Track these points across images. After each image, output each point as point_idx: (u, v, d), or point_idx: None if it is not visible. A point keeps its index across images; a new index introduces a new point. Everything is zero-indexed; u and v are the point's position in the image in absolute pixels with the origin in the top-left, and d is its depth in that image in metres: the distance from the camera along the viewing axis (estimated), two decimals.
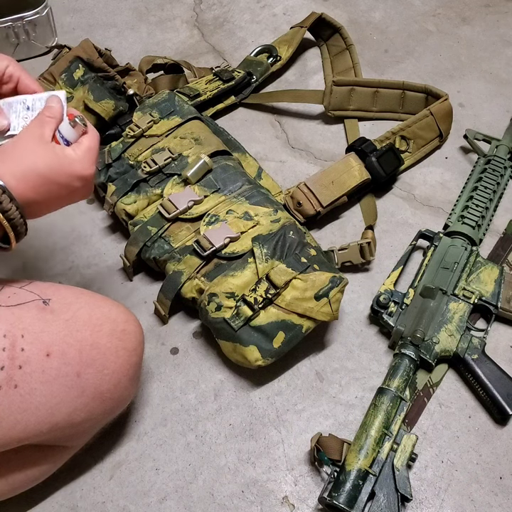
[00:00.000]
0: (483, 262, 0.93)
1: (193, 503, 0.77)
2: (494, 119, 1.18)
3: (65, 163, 0.62)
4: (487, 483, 0.78)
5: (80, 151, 0.64)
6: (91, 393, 0.65)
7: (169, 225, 0.91)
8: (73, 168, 0.63)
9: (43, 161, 0.61)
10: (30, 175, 0.60)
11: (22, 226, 0.61)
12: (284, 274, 0.82)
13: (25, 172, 0.60)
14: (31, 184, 0.60)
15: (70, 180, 0.63)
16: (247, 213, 0.89)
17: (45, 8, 1.23)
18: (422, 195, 1.07)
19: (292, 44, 1.24)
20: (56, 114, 0.65)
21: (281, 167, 1.11)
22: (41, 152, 0.61)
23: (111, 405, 0.69)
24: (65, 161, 0.62)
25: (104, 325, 0.66)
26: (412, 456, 0.76)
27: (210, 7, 1.41)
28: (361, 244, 0.93)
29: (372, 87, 1.14)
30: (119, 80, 1.07)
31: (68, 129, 0.65)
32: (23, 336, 0.61)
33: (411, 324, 0.86)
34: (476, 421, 0.83)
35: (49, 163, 0.61)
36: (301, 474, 0.79)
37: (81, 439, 0.75)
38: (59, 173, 0.62)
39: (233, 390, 0.86)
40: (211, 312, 0.83)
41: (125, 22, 1.37)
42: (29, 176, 0.60)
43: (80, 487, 0.78)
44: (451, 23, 1.37)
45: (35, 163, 0.60)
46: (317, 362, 0.88)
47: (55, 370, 0.62)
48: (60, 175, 0.62)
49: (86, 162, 0.64)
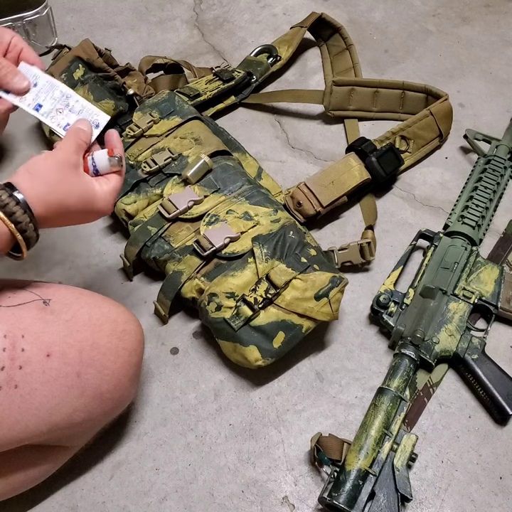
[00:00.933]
0: (483, 262, 0.93)
1: (193, 503, 0.77)
2: (494, 119, 1.18)
3: (90, 199, 0.64)
4: (487, 483, 0.78)
5: (107, 189, 0.66)
6: (91, 393, 0.65)
7: (169, 225, 0.91)
8: (96, 204, 0.65)
9: (71, 192, 0.62)
10: (54, 201, 0.61)
11: (34, 239, 0.61)
12: (284, 274, 0.82)
13: (50, 196, 0.61)
14: (51, 208, 0.61)
15: (90, 214, 0.66)
16: (247, 213, 0.89)
17: (45, 8, 1.23)
18: (422, 195, 1.07)
19: (292, 44, 1.24)
20: (88, 140, 0.66)
21: (281, 167, 1.11)
22: (72, 182, 0.62)
23: (111, 405, 0.69)
24: (90, 197, 0.64)
25: (104, 325, 0.66)
26: (412, 456, 0.76)
27: (210, 7, 1.41)
28: (361, 244, 0.93)
29: (372, 87, 1.14)
30: (119, 79, 1.07)
31: (103, 162, 0.66)
32: (23, 336, 0.61)
33: (411, 324, 0.86)
34: (476, 421, 0.83)
35: (76, 195, 0.63)
36: (301, 474, 0.79)
37: (81, 439, 0.75)
38: (82, 205, 0.63)
39: (233, 390, 0.86)
40: (211, 312, 0.83)
41: (125, 22, 1.37)
42: (52, 201, 0.61)
43: (80, 487, 0.78)
44: (451, 23, 1.37)
45: (62, 192, 0.62)
46: (317, 362, 0.88)
47: (55, 370, 0.62)
48: (82, 207, 0.64)
49: (109, 201, 0.66)
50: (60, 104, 0.69)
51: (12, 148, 1.12)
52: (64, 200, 0.62)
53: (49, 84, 0.69)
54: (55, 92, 0.69)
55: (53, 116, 0.68)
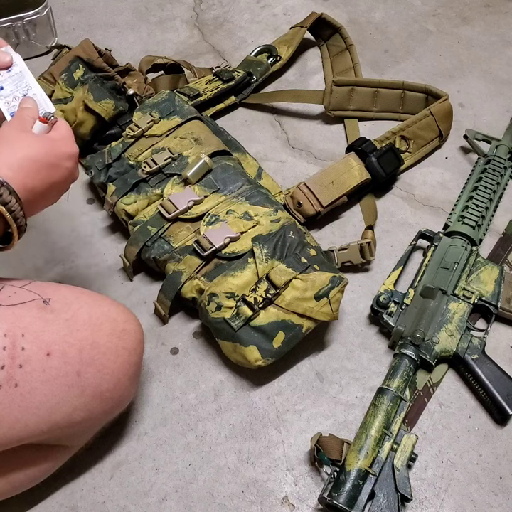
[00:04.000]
0: (483, 262, 0.93)
1: (193, 503, 0.77)
2: (494, 119, 1.18)
3: (52, 145, 0.65)
4: (487, 483, 0.78)
5: (59, 133, 0.68)
6: (91, 392, 0.65)
7: (169, 225, 0.91)
8: (60, 148, 0.66)
9: (33, 147, 0.63)
10: (24, 163, 0.62)
11: (22, 219, 0.62)
12: (284, 274, 0.82)
13: (19, 161, 0.62)
14: (27, 171, 0.62)
15: (60, 159, 0.66)
16: (247, 213, 0.89)
17: (45, 8, 1.23)
18: (422, 195, 1.07)
19: (292, 44, 1.24)
20: (34, 115, 0.68)
21: (281, 167, 1.11)
22: (29, 140, 0.64)
23: (111, 405, 0.69)
24: (51, 144, 0.65)
25: (104, 324, 0.66)
26: (412, 456, 0.76)
27: (210, 7, 1.41)
28: (361, 244, 0.93)
29: (372, 87, 1.14)
30: (119, 80, 1.07)
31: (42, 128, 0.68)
32: (23, 335, 0.61)
33: (411, 324, 0.86)
34: (476, 421, 0.83)
35: (38, 147, 0.64)
36: (301, 474, 0.79)
37: (81, 438, 0.75)
38: (49, 154, 0.64)
39: (233, 390, 0.86)
40: (211, 312, 0.83)
41: (125, 22, 1.37)
42: (24, 164, 0.62)
43: (80, 487, 0.78)
44: (451, 23, 1.37)
45: (26, 151, 0.63)
46: (317, 362, 0.88)
47: (55, 369, 0.62)
48: (51, 156, 0.64)
49: (68, 141, 0.68)
50: (19, 92, 0.71)
51: None
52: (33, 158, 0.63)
53: (20, 73, 0.72)
54: (22, 80, 0.72)
55: (8, 101, 0.70)
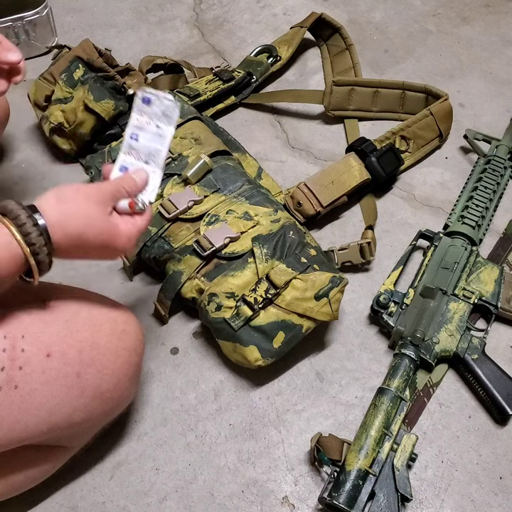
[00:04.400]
0: (483, 262, 0.93)
1: (193, 503, 0.77)
2: (494, 119, 1.18)
3: (112, 236, 0.62)
4: (487, 483, 0.78)
5: (131, 228, 0.64)
6: (91, 393, 0.65)
7: (169, 225, 0.91)
8: (117, 242, 0.63)
9: (93, 226, 0.61)
10: (74, 231, 0.59)
11: (46, 265, 0.60)
12: (284, 274, 0.82)
13: (71, 226, 0.59)
14: (70, 238, 0.59)
15: (109, 250, 0.64)
16: (247, 213, 0.89)
17: (45, 8, 1.23)
18: (422, 195, 1.07)
19: (292, 44, 1.24)
20: (131, 192, 0.65)
21: (281, 167, 1.11)
22: (96, 217, 0.61)
23: (111, 405, 0.69)
24: (112, 234, 0.63)
25: (103, 325, 0.66)
26: (412, 456, 0.76)
27: (210, 7, 1.41)
28: (361, 244, 0.93)
29: (372, 87, 1.14)
30: (119, 80, 1.07)
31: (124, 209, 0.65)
32: (23, 336, 0.61)
33: (411, 324, 0.86)
34: (476, 421, 0.83)
35: (98, 230, 0.61)
36: (301, 474, 0.79)
37: (81, 439, 0.75)
38: (101, 241, 0.62)
39: (233, 390, 0.86)
40: (211, 312, 0.83)
41: (125, 22, 1.37)
42: (72, 231, 0.59)
43: (80, 487, 0.78)
44: (451, 23, 1.37)
45: (84, 224, 0.60)
46: (317, 362, 0.88)
47: (55, 370, 0.62)
48: (102, 243, 0.62)
49: (130, 241, 0.65)
50: (144, 150, 0.68)
51: (12, 148, 1.12)
52: (84, 233, 0.60)
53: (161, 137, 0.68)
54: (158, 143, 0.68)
55: (130, 152, 0.68)
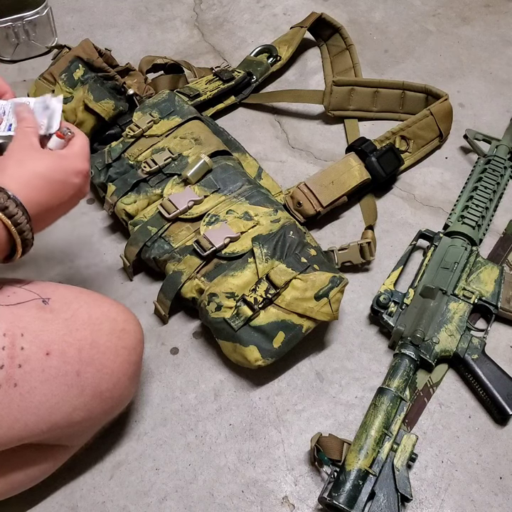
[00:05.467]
0: (483, 262, 0.93)
1: (193, 503, 0.77)
2: (494, 119, 1.18)
3: (62, 162, 0.65)
4: (487, 483, 0.78)
5: (72, 150, 0.67)
6: (91, 392, 0.65)
7: (169, 225, 0.91)
8: (70, 164, 0.65)
9: (41, 163, 0.63)
10: (32, 178, 0.62)
11: (29, 232, 0.61)
12: (284, 274, 0.82)
13: (27, 176, 0.62)
14: (34, 186, 0.62)
15: (69, 176, 0.65)
16: (247, 213, 0.89)
17: (45, 8, 1.23)
18: (422, 195, 1.07)
19: (292, 44, 1.24)
20: (32, 123, 0.67)
21: (281, 167, 1.11)
22: (37, 156, 0.64)
23: (111, 404, 0.69)
24: (61, 160, 0.65)
25: (103, 324, 0.66)
26: (412, 456, 0.76)
27: (210, 7, 1.41)
28: (361, 244, 0.93)
29: (372, 87, 1.14)
30: (119, 80, 1.07)
31: (58, 143, 0.68)
32: (22, 334, 0.61)
33: (411, 324, 0.86)
34: (476, 421, 0.83)
35: (47, 164, 0.64)
36: (301, 474, 0.79)
37: (81, 438, 0.75)
38: (58, 170, 0.64)
39: (233, 390, 0.86)
40: (211, 312, 0.83)
41: (125, 22, 1.37)
42: (31, 179, 0.62)
43: (80, 487, 0.78)
44: (451, 23, 1.37)
45: (34, 167, 0.63)
46: (317, 362, 0.88)
47: (54, 369, 0.62)
48: (59, 172, 0.64)
49: (80, 158, 0.67)
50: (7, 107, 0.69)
51: None
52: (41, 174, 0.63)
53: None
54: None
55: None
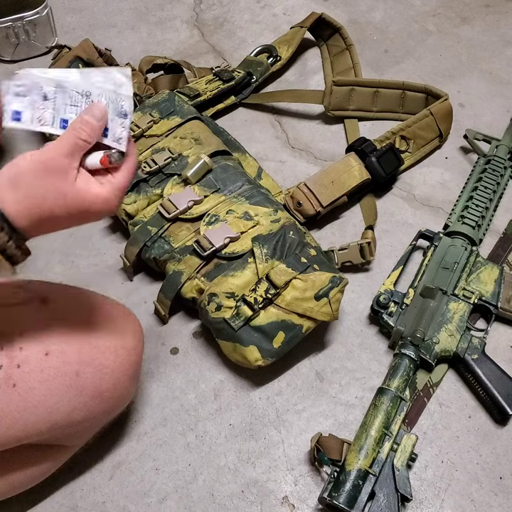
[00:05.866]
0: (483, 262, 0.93)
1: (193, 503, 0.77)
2: (494, 119, 1.18)
3: (86, 204, 0.53)
4: (487, 483, 0.78)
5: (108, 187, 0.54)
6: (90, 392, 0.65)
7: (169, 225, 0.91)
8: (94, 206, 0.54)
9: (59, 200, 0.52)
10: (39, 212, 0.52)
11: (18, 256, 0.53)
12: (284, 274, 0.82)
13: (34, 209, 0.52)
14: (38, 219, 0.52)
15: (87, 215, 0.55)
16: (247, 213, 0.89)
17: (45, 8, 1.23)
18: (422, 195, 1.07)
19: (292, 44, 1.24)
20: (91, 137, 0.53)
21: (281, 167, 1.11)
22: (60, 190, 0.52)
23: (110, 404, 0.69)
24: (87, 201, 0.53)
25: (103, 324, 0.66)
26: (412, 456, 0.76)
27: (210, 7, 1.41)
28: (361, 244, 0.93)
29: (372, 87, 1.14)
30: None
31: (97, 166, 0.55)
32: (21, 334, 0.61)
33: (411, 324, 0.86)
34: (476, 421, 0.83)
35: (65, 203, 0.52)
36: (301, 474, 0.79)
37: (81, 438, 0.75)
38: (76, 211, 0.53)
39: (233, 390, 0.86)
40: (211, 312, 0.83)
41: (125, 22, 1.37)
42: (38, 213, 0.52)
43: (80, 487, 0.78)
44: (451, 23, 1.37)
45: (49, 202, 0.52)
46: (317, 362, 0.88)
47: (53, 369, 0.62)
48: (77, 213, 0.54)
49: (112, 201, 0.55)
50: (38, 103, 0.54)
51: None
52: (51, 211, 0.52)
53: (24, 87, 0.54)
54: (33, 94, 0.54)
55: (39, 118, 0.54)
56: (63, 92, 0.54)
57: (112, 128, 0.55)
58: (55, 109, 0.54)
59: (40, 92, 0.54)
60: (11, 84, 0.54)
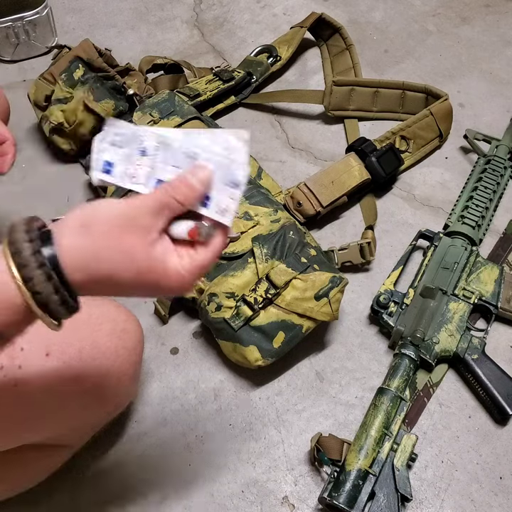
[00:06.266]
0: (483, 262, 0.93)
1: (193, 503, 0.77)
2: (494, 119, 1.18)
3: (155, 276, 0.44)
4: (487, 483, 0.78)
5: (189, 267, 0.45)
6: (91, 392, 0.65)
7: None
8: (164, 283, 0.44)
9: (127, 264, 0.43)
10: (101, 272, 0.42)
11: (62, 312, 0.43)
12: (284, 274, 0.82)
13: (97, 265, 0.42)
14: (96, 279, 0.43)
15: (154, 292, 0.46)
16: (247, 213, 0.89)
17: (45, 8, 1.23)
18: (422, 195, 1.07)
19: (292, 44, 1.24)
20: (187, 201, 0.44)
21: (281, 167, 1.11)
22: (133, 252, 0.43)
23: (111, 404, 0.69)
24: (157, 274, 0.44)
25: (103, 324, 0.66)
26: (412, 456, 0.76)
27: (210, 7, 1.41)
28: (361, 244, 0.93)
29: (372, 87, 1.14)
30: (119, 80, 1.07)
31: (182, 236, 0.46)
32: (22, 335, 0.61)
33: (411, 324, 0.86)
34: (476, 421, 0.83)
35: (134, 269, 0.43)
36: (301, 474, 0.79)
37: (81, 438, 0.75)
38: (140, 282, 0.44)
39: (233, 390, 0.86)
40: (211, 312, 0.83)
41: (125, 22, 1.37)
42: (99, 272, 0.42)
43: (80, 487, 0.78)
44: (451, 23, 1.37)
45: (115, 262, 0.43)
46: (317, 362, 0.88)
47: (54, 369, 0.62)
48: (141, 285, 0.45)
49: (186, 280, 0.45)
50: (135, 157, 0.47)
51: None
52: (115, 273, 0.43)
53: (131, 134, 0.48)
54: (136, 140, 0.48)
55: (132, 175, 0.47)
56: (166, 150, 0.47)
57: (217, 198, 0.46)
58: (152, 167, 0.47)
59: (139, 146, 0.47)
60: (109, 131, 0.48)
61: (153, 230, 0.43)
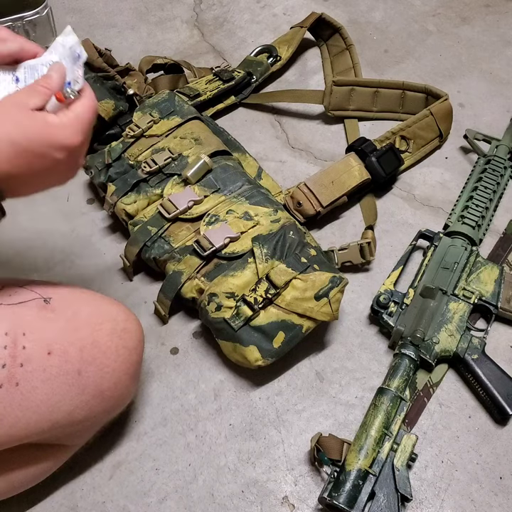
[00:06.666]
0: (483, 262, 0.93)
1: (193, 503, 0.77)
2: (494, 119, 1.18)
3: (44, 131, 0.54)
4: (487, 483, 0.78)
5: (66, 117, 0.56)
6: (91, 391, 0.65)
7: (169, 225, 0.91)
8: (54, 136, 0.55)
9: (19, 128, 0.53)
10: (2, 144, 0.53)
11: None
12: (284, 274, 0.82)
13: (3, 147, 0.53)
14: (4, 155, 0.53)
15: (50, 150, 0.55)
16: (247, 213, 0.89)
17: (45, 8, 1.23)
18: (422, 195, 1.07)
19: (292, 44, 1.24)
20: (54, 85, 0.57)
21: (281, 167, 1.11)
22: (18, 118, 0.54)
23: (111, 404, 0.69)
24: (45, 129, 0.55)
25: (104, 323, 0.66)
26: (412, 456, 0.76)
27: (210, 7, 1.41)
28: (361, 244, 0.93)
29: (372, 87, 1.14)
30: (119, 79, 1.07)
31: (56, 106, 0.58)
32: (24, 334, 0.61)
33: (411, 324, 0.86)
34: (476, 421, 0.83)
35: (26, 131, 0.53)
36: (301, 474, 0.79)
37: (81, 438, 0.75)
38: (36, 141, 0.54)
39: (233, 390, 0.86)
40: (211, 312, 0.83)
41: (125, 22, 1.37)
42: (1, 146, 0.53)
43: (80, 487, 0.78)
44: (451, 23, 1.37)
45: (9, 131, 0.53)
46: (317, 362, 0.88)
47: (56, 368, 0.62)
48: (38, 144, 0.54)
49: (70, 130, 0.56)
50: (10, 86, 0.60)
51: None
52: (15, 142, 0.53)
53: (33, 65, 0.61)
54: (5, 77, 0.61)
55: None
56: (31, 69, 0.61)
57: (71, 75, 0.61)
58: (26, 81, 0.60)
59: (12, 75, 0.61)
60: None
61: (30, 103, 0.55)
